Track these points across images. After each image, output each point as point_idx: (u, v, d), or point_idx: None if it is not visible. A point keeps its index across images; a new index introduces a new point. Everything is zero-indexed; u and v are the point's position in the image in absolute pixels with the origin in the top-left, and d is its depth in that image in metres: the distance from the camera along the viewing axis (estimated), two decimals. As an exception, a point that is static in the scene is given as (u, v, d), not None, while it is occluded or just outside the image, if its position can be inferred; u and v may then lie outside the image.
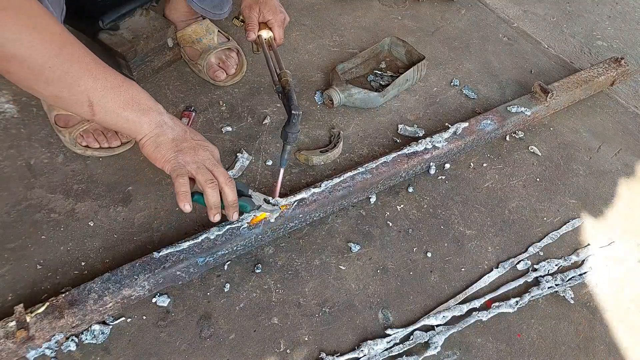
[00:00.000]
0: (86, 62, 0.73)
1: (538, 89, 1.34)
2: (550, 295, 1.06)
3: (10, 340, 0.80)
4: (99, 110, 0.75)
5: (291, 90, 0.98)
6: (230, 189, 0.84)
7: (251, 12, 1.11)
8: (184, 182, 0.80)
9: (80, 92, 0.73)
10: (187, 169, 0.81)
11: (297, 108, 0.94)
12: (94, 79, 0.73)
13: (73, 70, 0.71)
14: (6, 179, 1.08)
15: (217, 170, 0.83)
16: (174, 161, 0.80)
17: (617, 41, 1.80)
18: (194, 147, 0.83)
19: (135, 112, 0.77)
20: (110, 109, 0.75)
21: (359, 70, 1.47)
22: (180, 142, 0.81)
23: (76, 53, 0.72)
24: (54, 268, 0.97)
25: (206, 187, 0.81)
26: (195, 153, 0.82)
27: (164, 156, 0.80)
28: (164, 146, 0.80)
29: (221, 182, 0.83)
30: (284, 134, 0.96)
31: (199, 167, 0.81)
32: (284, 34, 1.16)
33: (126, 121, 0.77)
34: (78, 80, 0.72)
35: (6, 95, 1.23)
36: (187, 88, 1.34)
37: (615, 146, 1.39)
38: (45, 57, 0.68)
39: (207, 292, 0.98)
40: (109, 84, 0.75)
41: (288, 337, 0.94)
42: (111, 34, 1.25)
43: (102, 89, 0.74)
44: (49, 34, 0.69)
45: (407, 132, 1.33)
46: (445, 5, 1.79)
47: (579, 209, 1.23)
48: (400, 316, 0.99)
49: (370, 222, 1.13)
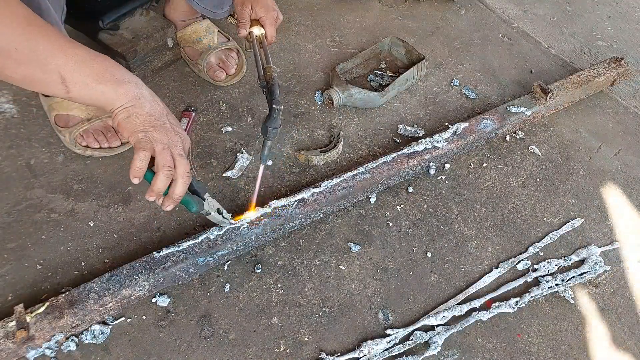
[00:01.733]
0: (54, 38, 0.71)
1: (538, 89, 1.34)
2: (550, 295, 1.06)
3: (10, 340, 0.80)
4: (73, 87, 0.73)
5: (275, 85, 0.97)
6: (182, 183, 0.80)
7: (243, 8, 1.11)
8: (144, 157, 0.77)
9: (51, 70, 0.70)
10: (152, 145, 0.77)
11: (279, 102, 0.93)
12: (64, 54, 0.71)
13: (41, 49, 0.69)
14: (6, 179, 1.08)
15: (180, 161, 0.79)
16: (143, 134, 0.76)
17: (617, 41, 1.80)
18: (168, 128, 0.79)
19: (111, 84, 0.74)
20: (83, 82, 0.73)
21: (359, 70, 1.47)
22: (155, 119, 0.78)
23: (42, 31, 0.70)
24: (54, 268, 0.97)
25: (160, 172, 0.78)
26: (166, 133, 0.78)
27: (134, 127, 0.76)
28: (137, 118, 0.76)
29: (178, 172, 0.79)
30: (264, 129, 0.93)
31: (164, 149, 0.77)
32: (275, 32, 1.15)
33: (102, 94, 0.74)
34: (48, 58, 0.70)
35: (6, 95, 1.23)
36: (187, 88, 1.34)
37: (615, 146, 1.39)
38: (9, 37, 0.66)
39: (207, 292, 0.98)
40: (80, 58, 0.72)
41: (288, 337, 0.94)
42: (111, 34, 1.25)
43: (73, 63, 0.72)
44: (12, 15, 0.67)
45: (407, 132, 1.33)
46: (445, 5, 1.79)
47: (579, 209, 1.23)
48: (400, 316, 0.99)
49: (370, 222, 1.13)
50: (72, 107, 1.12)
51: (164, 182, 0.78)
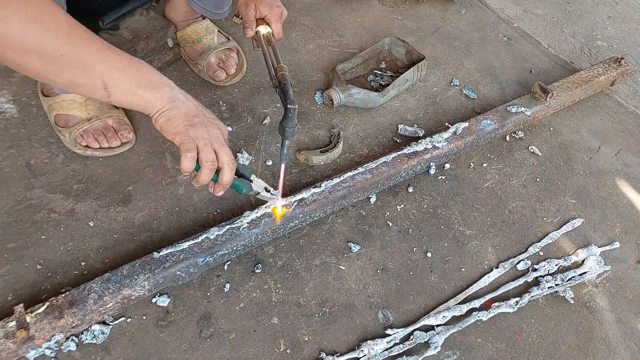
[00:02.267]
0: (96, 45, 0.75)
1: (538, 89, 1.34)
2: (550, 295, 1.06)
3: (10, 340, 0.80)
4: (114, 92, 0.77)
5: (287, 85, 0.98)
6: (229, 169, 0.86)
7: (247, 9, 1.11)
8: (191, 158, 0.82)
9: (94, 77, 0.74)
10: (195, 143, 0.82)
11: (293, 102, 0.94)
12: (106, 61, 0.75)
13: (84, 55, 0.73)
14: (6, 179, 1.08)
15: (222, 150, 0.84)
16: (185, 134, 0.82)
17: (617, 41, 1.80)
18: (205, 123, 0.84)
19: (149, 90, 0.79)
20: (125, 89, 0.77)
21: (359, 70, 1.47)
22: (192, 117, 0.83)
23: (85, 37, 0.74)
24: (54, 268, 0.97)
25: (204, 167, 0.83)
26: (205, 129, 0.83)
27: (175, 129, 0.82)
28: (176, 120, 0.81)
29: (223, 161, 0.85)
30: (281, 129, 0.95)
31: (206, 144, 0.83)
32: (282, 29, 1.15)
33: (141, 99, 0.79)
34: (91, 65, 0.73)
35: (6, 95, 1.23)
36: (187, 88, 1.34)
37: (615, 146, 1.39)
38: (55, 45, 0.70)
39: (207, 292, 0.98)
40: (120, 65, 0.76)
41: (288, 337, 0.94)
42: (111, 34, 1.25)
43: (115, 70, 0.76)
44: (55, 21, 0.70)
45: (407, 132, 1.33)
46: (445, 5, 1.79)
47: (578, 209, 1.23)
48: (400, 316, 0.99)
49: (370, 222, 1.13)
50: (72, 107, 1.12)
51: (208, 175, 0.84)
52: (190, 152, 0.81)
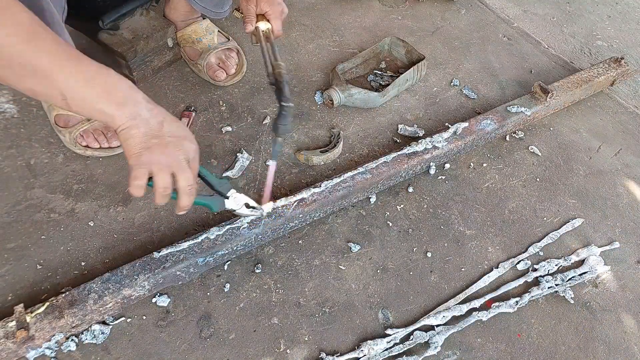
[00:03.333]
0: (57, 55, 0.71)
1: (538, 89, 1.34)
2: (550, 295, 1.06)
3: (10, 340, 0.80)
4: (73, 104, 0.73)
5: (283, 82, 0.98)
6: (186, 195, 0.81)
7: (248, 4, 1.11)
8: (138, 185, 0.78)
9: (52, 88, 0.71)
10: (147, 169, 0.78)
11: (288, 100, 0.94)
12: (65, 73, 0.71)
13: (43, 65, 0.69)
14: (6, 179, 1.08)
15: (181, 175, 0.80)
16: (136, 158, 0.77)
17: (617, 41, 1.80)
18: (165, 144, 0.79)
19: (111, 105, 0.75)
20: (84, 102, 0.74)
21: (359, 70, 1.47)
22: (150, 137, 0.78)
23: (45, 46, 0.70)
24: (54, 268, 0.97)
25: (157, 192, 0.79)
26: (163, 152, 0.78)
27: (130, 150, 0.77)
28: (133, 140, 0.77)
29: (179, 186, 0.80)
30: (275, 126, 0.95)
31: (161, 169, 0.78)
32: (282, 27, 1.15)
33: (101, 114, 0.75)
34: (49, 76, 0.70)
35: (6, 95, 1.23)
36: (187, 88, 1.34)
37: (615, 146, 1.39)
38: (12, 52, 0.66)
39: (207, 292, 0.98)
40: (82, 76, 0.72)
41: (288, 337, 0.94)
42: (111, 34, 1.25)
43: (75, 81, 0.72)
44: (15, 26, 0.66)
45: (407, 132, 1.33)
46: (445, 5, 1.79)
47: (579, 209, 1.23)
48: (400, 316, 0.99)
49: (370, 222, 1.13)
50: (71, 107, 1.12)
51: (161, 200, 0.80)
52: (137, 180, 0.77)
